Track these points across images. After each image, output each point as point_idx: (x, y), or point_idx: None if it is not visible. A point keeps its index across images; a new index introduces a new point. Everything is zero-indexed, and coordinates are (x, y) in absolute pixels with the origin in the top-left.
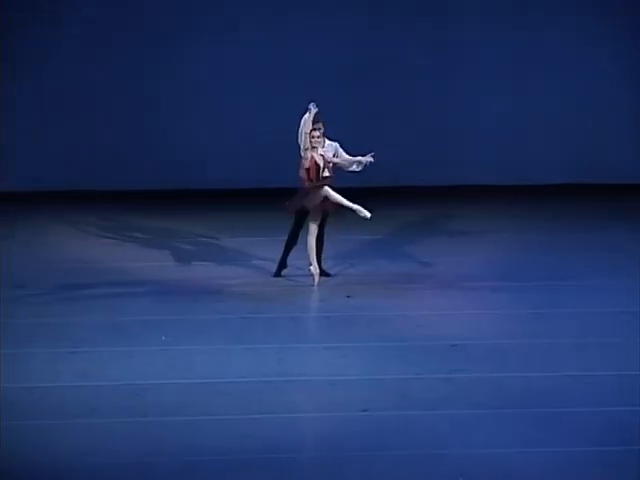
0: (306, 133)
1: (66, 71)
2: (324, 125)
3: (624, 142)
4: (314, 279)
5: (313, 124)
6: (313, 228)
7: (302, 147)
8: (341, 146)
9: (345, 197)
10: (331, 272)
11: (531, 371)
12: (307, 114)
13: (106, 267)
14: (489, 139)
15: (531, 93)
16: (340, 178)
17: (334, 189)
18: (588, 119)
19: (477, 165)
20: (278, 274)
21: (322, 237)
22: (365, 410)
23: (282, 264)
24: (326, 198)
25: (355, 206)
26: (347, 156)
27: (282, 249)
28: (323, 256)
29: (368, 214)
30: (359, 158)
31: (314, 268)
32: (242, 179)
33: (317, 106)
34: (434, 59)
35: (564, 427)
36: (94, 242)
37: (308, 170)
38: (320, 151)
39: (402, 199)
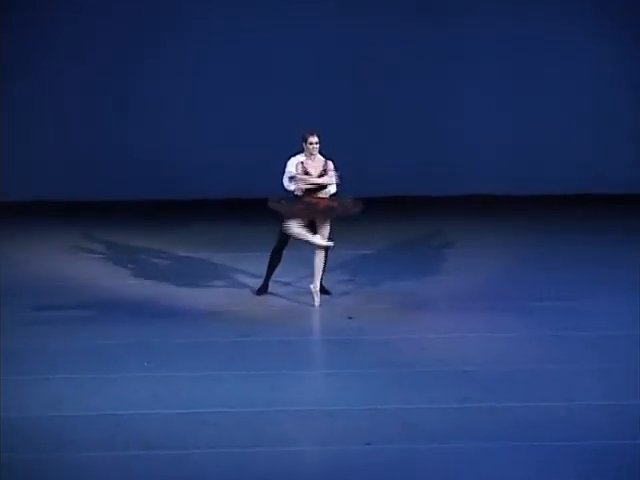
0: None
1: (47, 80)
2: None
3: (631, 152)
4: (314, 298)
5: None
6: (316, 241)
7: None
8: (334, 166)
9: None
10: (331, 291)
11: (549, 400)
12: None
13: (84, 285)
14: (493, 148)
15: (533, 102)
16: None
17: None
18: (594, 128)
19: (480, 175)
20: (260, 293)
21: (326, 252)
22: (367, 443)
23: (264, 285)
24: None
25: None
26: (334, 177)
27: (266, 267)
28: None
29: (323, 243)
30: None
31: (314, 287)
32: (230, 189)
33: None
34: (431, 67)
35: (584, 462)
36: (71, 258)
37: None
38: (313, 161)
39: (406, 210)
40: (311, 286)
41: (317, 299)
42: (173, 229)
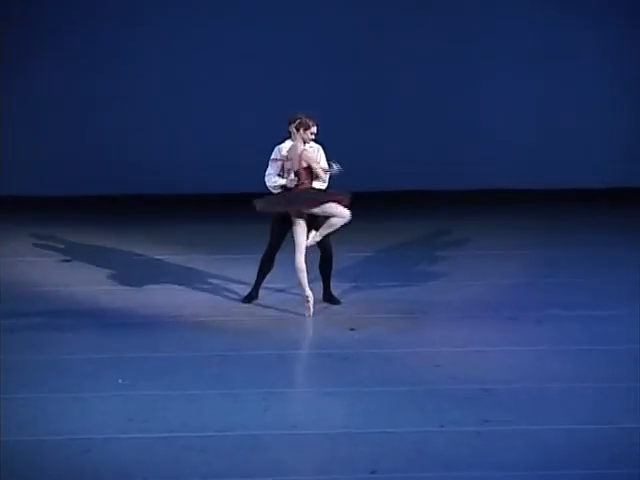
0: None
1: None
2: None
3: None
4: (309, 308)
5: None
6: (300, 241)
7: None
8: (324, 150)
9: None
10: (339, 299)
11: (579, 422)
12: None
13: (51, 292)
14: (509, 138)
15: (555, 90)
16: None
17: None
18: (622, 118)
19: (496, 167)
20: (247, 301)
21: (329, 253)
22: (374, 472)
23: (253, 292)
24: (307, 202)
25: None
26: (324, 164)
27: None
28: (327, 278)
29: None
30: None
31: (307, 293)
32: (218, 183)
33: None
34: (444, 53)
35: None
36: (38, 260)
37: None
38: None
39: (413, 207)
40: (305, 295)
41: (312, 308)
42: (154, 228)
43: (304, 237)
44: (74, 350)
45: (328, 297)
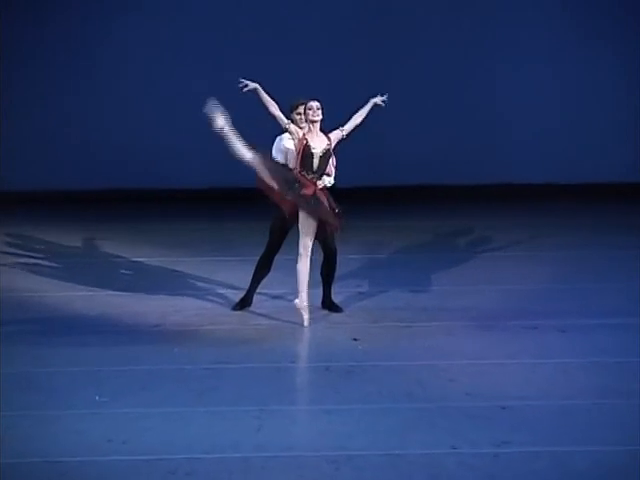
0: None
1: None
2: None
3: None
4: (303, 317)
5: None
6: (308, 241)
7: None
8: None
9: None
10: (343, 307)
11: (608, 443)
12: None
13: (21, 298)
14: (531, 128)
15: (579, 77)
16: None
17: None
18: None
19: (517, 160)
20: (239, 307)
21: (334, 256)
22: None
23: (246, 298)
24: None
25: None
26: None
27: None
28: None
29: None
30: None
31: (300, 301)
32: (207, 177)
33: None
34: (460, 37)
35: None
36: (5, 262)
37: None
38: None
39: (426, 203)
40: (296, 301)
41: (307, 317)
42: (135, 225)
43: (313, 236)
44: (47, 363)
45: (329, 304)
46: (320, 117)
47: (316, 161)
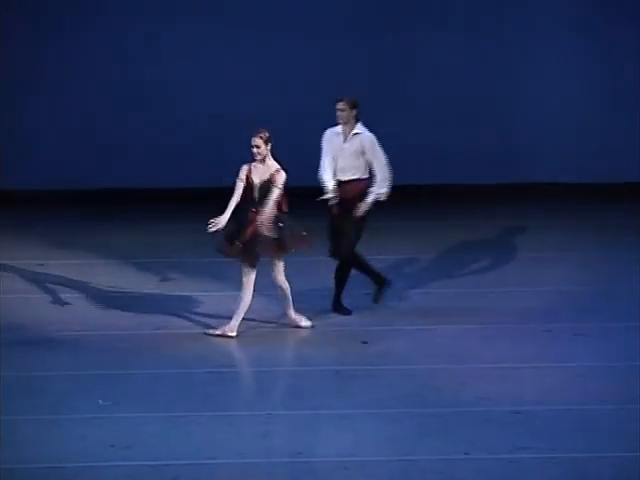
0: None
1: None
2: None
3: None
4: (299, 323)
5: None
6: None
7: None
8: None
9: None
10: (350, 308)
11: (626, 449)
12: None
13: (15, 300)
14: (560, 125)
15: (614, 71)
16: None
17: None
18: None
19: (545, 158)
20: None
21: (348, 261)
22: None
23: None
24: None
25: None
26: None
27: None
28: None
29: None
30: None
31: (232, 326)
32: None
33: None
34: (484, 24)
35: None
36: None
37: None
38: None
39: (443, 203)
40: (289, 312)
41: (304, 322)
42: (139, 226)
43: (254, 271)
44: (47, 367)
45: (337, 306)
46: (260, 155)
47: (256, 192)
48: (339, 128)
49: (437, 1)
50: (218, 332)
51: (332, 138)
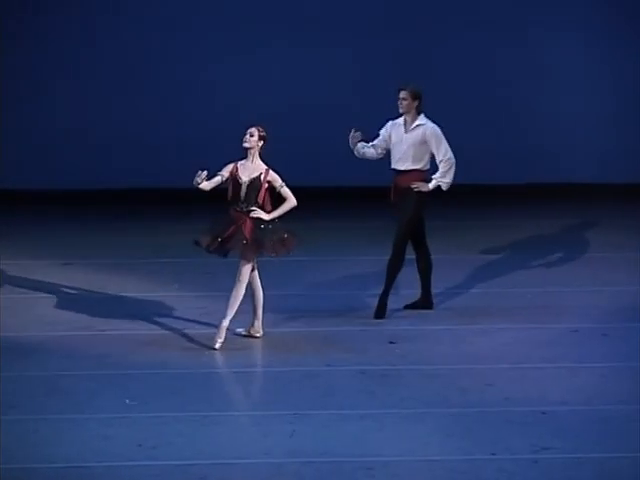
0: None
1: None
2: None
3: None
4: (217, 338)
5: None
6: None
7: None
8: None
9: None
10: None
11: None
12: None
13: (43, 298)
14: (585, 123)
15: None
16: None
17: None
18: None
19: (572, 157)
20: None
21: (428, 255)
22: None
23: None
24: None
25: None
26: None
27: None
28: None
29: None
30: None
31: (223, 322)
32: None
33: None
34: (504, 19)
35: None
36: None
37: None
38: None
39: (470, 203)
40: (224, 322)
41: (220, 339)
42: (177, 225)
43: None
44: (72, 366)
45: (425, 301)
46: (249, 144)
47: (243, 191)
48: (401, 120)
49: (461, 3)
50: (244, 332)
51: (392, 128)
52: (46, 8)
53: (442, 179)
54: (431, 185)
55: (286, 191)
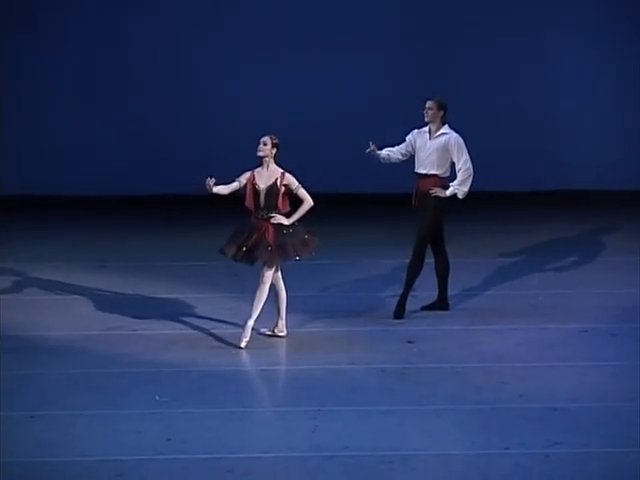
0: None
1: None
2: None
3: None
4: (242, 337)
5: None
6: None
7: None
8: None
9: None
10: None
11: None
12: None
13: (76, 299)
14: (591, 130)
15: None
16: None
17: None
18: None
19: (579, 165)
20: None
21: (446, 259)
22: None
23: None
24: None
25: None
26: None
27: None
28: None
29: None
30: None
31: (249, 322)
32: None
33: None
34: (512, 27)
35: None
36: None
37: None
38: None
39: (481, 209)
40: (249, 322)
41: (246, 338)
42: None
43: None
44: (105, 364)
45: (441, 302)
46: (263, 153)
47: (262, 198)
48: (426, 128)
49: (481, 18)
50: (269, 332)
51: (417, 135)
52: (46, 17)
53: (459, 187)
54: (448, 192)
55: (303, 192)
